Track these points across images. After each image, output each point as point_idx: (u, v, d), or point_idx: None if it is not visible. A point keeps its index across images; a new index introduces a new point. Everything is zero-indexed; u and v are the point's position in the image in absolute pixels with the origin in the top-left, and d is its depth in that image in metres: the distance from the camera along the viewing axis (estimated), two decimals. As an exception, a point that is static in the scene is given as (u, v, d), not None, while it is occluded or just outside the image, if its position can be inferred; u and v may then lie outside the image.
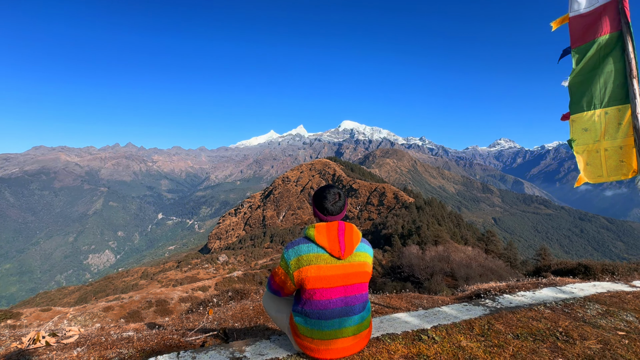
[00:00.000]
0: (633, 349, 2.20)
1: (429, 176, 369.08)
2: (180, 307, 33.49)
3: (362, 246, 1.98)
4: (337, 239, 1.89)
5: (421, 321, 2.58)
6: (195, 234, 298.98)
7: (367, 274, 1.95)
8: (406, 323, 2.53)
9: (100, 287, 76.11)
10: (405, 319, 2.62)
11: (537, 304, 3.09)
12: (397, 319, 2.63)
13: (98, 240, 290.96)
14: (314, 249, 1.88)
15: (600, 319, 2.66)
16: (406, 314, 2.75)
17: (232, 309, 5.65)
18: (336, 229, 1.92)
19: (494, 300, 3.28)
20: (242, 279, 50.18)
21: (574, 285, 3.84)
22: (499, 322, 2.58)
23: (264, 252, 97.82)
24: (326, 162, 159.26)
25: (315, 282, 1.85)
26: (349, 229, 1.96)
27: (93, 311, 29.99)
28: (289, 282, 1.93)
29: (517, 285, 7.58)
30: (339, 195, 1.99)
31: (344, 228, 1.94)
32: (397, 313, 2.82)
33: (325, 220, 1.98)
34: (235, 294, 8.39)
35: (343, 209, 1.99)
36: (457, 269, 31.76)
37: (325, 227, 1.92)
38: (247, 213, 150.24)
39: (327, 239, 1.88)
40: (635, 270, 10.84)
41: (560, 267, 13.70)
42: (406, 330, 2.38)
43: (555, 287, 3.69)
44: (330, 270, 1.86)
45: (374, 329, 2.41)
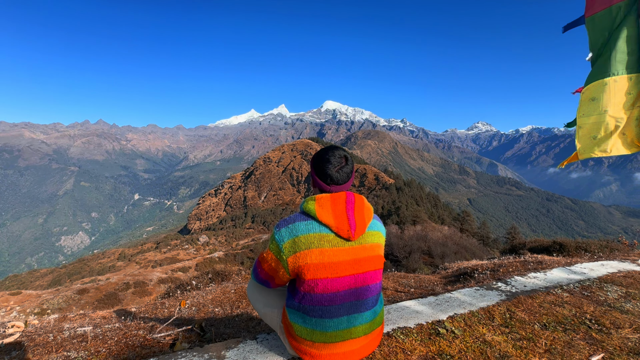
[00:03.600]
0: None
1: (409, 158, 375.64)
2: (160, 288, 32.89)
3: (374, 224, 1.57)
4: (345, 214, 1.45)
5: (434, 310, 2.24)
6: (174, 215, 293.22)
7: (381, 258, 1.55)
8: (417, 313, 2.18)
9: (75, 269, 73.59)
10: (415, 307, 2.27)
11: (553, 286, 2.86)
12: (406, 309, 2.27)
13: (70, 222, 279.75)
14: (316, 228, 1.44)
15: (624, 303, 2.45)
16: (415, 302, 2.40)
17: (212, 292, 5.25)
18: (344, 202, 1.47)
19: (507, 283, 3.01)
20: (223, 260, 49.82)
21: (583, 265, 3.68)
22: (520, 309, 2.30)
23: (245, 233, 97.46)
24: (308, 143, 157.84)
25: (318, 270, 1.41)
26: (360, 201, 1.52)
27: (67, 294, 28.90)
28: (282, 271, 1.49)
29: (502, 263, 7.58)
30: (346, 158, 1.53)
31: (353, 201, 1.50)
32: (405, 301, 2.47)
33: (328, 190, 1.52)
34: (215, 275, 7.96)
35: (350, 177, 1.54)
36: (433, 247, 32.87)
37: (329, 200, 1.47)
38: (227, 194, 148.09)
39: (332, 214, 1.44)
40: (606, 247, 11.29)
41: (535, 245, 14.15)
42: (420, 322, 2.04)
43: (565, 268, 3.51)
44: (337, 255, 1.43)
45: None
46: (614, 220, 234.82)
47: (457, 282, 6.88)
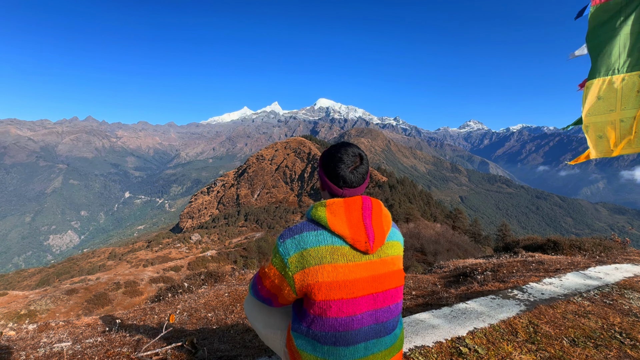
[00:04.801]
0: None
1: (402, 156, 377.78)
2: (151, 287, 32.32)
3: (394, 233, 1.34)
4: (361, 223, 1.22)
5: (451, 324, 2.06)
6: (165, 213, 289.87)
7: (402, 273, 1.33)
8: (434, 328, 1.99)
9: (64, 268, 72.03)
10: (431, 321, 2.08)
11: (572, 294, 2.70)
12: (420, 323, 2.06)
13: (59, 220, 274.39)
14: (327, 239, 1.20)
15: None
16: (428, 314, 2.21)
17: (205, 295, 5.03)
18: (359, 208, 1.24)
19: (523, 291, 2.85)
20: (216, 258, 49.33)
21: (597, 269, 3.56)
22: (542, 321, 2.13)
23: (238, 231, 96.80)
24: (302, 141, 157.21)
25: (331, 290, 1.17)
26: (377, 207, 1.30)
27: (55, 295, 28.16)
28: (287, 289, 1.24)
29: (501, 263, 7.45)
30: (361, 157, 1.31)
31: (370, 206, 1.27)
32: (417, 314, 2.26)
33: (340, 195, 1.29)
34: (208, 277, 7.71)
35: (366, 178, 1.32)
36: (426, 244, 33.10)
37: (343, 206, 1.24)
38: (220, 192, 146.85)
39: (346, 223, 1.21)
40: (599, 245, 11.32)
41: (529, 243, 14.19)
42: (438, 339, 1.84)
43: (579, 272, 3.37)
44: (354, 272, 1.19)
45: None
46: (601, 217, 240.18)
47: (457, 283, 6.72)
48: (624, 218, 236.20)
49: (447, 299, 3.18)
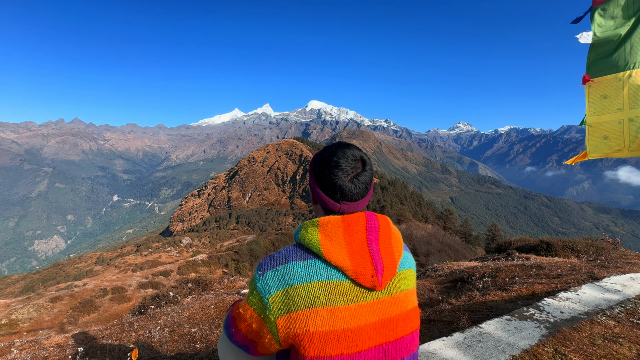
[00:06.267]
0: None
1: (393, 157, 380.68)
2: (139, 293, 31.57)
3: (406, 259, 1.02)
4: (366, 249, 0.90)
5: (468, 357, 1.81)
6: (155, 217, 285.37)
7: (417, 312, 0.99)
8: (449, 363, 1.72)
9: (50, 274, 70.03)
10: (443, 353, 1.82)
11: (593, 311, 2.51)
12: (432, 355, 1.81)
13: (44, 225, 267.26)
14: (321, 272, 0.88)
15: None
16: (441, 344, 1.97)
17: (190, 307, 4.81)
18: (363, 230, 0.92)
19: (540, 309, 2.63)
20: (206, 262, 48.58)
21: (612, 280, 3.40)
22: (570, 348, 1.92)
23: (229, 234, 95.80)
24: (293, 143, 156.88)
25: (327, 343, 0.84)
26: (385, 227, 0.97)
27: (38, 302, 27.26)
28: (268, 337, 0.89)
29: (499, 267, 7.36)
30: (363, 161, 0.98)
31: (377, 227, 0.95)
32: (427, 342, 2.03)
33: (337, 211, 0.97)
34: (195, 285, 7.46)
35: (369, 189, 0.99)
36: (418, 245, 33.18)
37: (340, 226, 0.92)
38: (211, 194, 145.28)
39: (347, 250, 0.89)
40: (591, 245, 11.33)
41: (522, 244, 14.19)
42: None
43: (594, 284, 3.22)
44: (357, 317, 0.87)
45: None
46: (586, 216, 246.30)
47: (455, 290, 6.59)
48: (608, 217, 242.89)
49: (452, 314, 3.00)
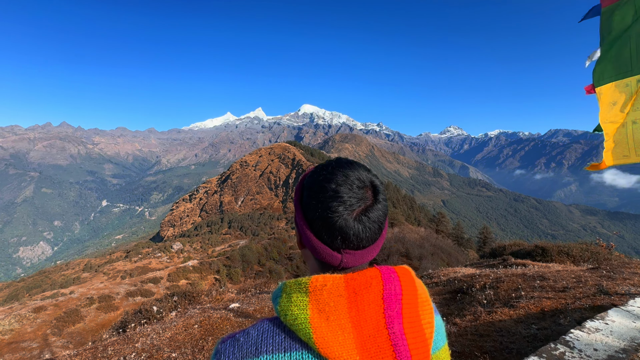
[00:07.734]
0: None
1: (386, 161, 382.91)
2: (128, 302, 30.73)
3: (438, 331, 0.69)
4: (384, 333, 0.56)
5: None
6: (145, 222, 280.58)
7: None
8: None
9: (35, 282, 67.72)
10: None
11: (630, 347, 2.26)
12: None
13: (30, 231, 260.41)
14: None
15: None
16: None
17: (173, 326, 4.48)
18: (379, 301, 0.58)
19: (571, 347, 2.34)
20: (197, 268, 47.67)
21: (637, 302, 3.14)
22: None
23: (221, 239, 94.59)
24: (286, 147, 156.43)
25: None
26: (410, 290, 0.63)
27: (21, 313, 26.27)
28: None
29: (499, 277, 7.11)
30: (374, 187, 0.66)
31: (398, 294, 0.60)
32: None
33: (336, 264, 0.64)
34: (181, 298, 7.13)
35: (383, 229, 0.68)
36: (411, 249, 33.26)
37: (343, 294, 0.56)
38: (203, 199, 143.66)
39: (353, 335, 0.54)
40: (586, 250, 11.26)
41: (517, 249, 13.79)
42: None
43: (621, 309, 2.97)
44: None
45: None
46: (574, 218, 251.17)
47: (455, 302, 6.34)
48: (595, 219, 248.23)
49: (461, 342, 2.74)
